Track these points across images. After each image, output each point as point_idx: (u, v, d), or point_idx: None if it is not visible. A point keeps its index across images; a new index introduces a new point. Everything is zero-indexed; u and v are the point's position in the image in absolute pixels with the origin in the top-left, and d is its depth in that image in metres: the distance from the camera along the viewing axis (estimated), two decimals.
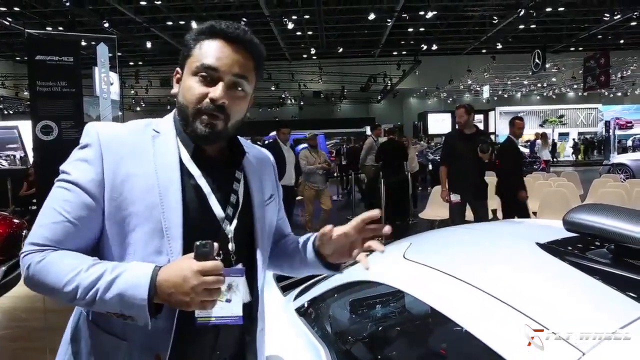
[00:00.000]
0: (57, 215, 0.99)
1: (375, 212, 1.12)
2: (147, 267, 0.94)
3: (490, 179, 5.64)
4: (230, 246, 1.09)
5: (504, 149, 5.87)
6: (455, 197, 5.13)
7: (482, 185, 5.27)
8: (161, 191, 1.02)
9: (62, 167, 1.04)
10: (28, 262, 0.96)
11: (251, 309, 1.15)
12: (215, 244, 0.93)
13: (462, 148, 5.12)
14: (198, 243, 0.91)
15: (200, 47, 1.06)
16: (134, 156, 1.03)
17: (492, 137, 25.55)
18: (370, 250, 1.13)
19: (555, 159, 23.33)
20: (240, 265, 1.08)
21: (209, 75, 1.04)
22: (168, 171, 1.04)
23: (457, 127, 5.45)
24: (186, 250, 0.99)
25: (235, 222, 1.11)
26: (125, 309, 0.92)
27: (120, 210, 1.00)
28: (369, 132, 6.96)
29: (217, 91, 1.03)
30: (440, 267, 1.36)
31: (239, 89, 1.07)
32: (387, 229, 1.13)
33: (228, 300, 1.00)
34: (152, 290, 0.91)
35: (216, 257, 0.93)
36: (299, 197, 7.58)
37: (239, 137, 1.20)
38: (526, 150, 17.14)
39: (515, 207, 5.41)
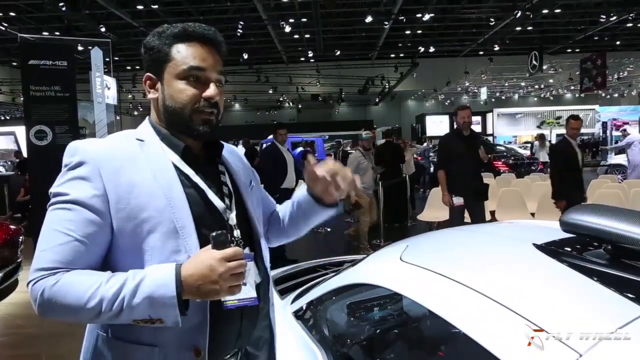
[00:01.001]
0: (62, 237, 0.98)
1: (311, 162, 1.23)
2: (169, 267, 0.96)
3: (489, 180, 5.63)
4: (236, 233, 1.15)
5: (557, 149, 5.71)
6: (458, 200, 5.04)
7: (484, 186, 5.24)
8: (166, 193, 1.05)
9: (54, 190, 1.04)
10: (41, 287, 0.95)
11: (261, 289, 1.20)
12: (228, 234, 0.99)
13: (461, 149, 5.07)
14: (214, 234, 0.97)
15: (179, 50, 1.10)
16: (129, 165, 1.05)
17: (490, 138, 25.61)
18: None
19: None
20: (248, 250, 1.15)
21: (197, 76, 1.10)
22: (165, 173, 1.08)
23: (455, 128, 5.35)
24: (201, 244, 1.03)
25: (234, 210, 1.17)
26: (154, 311, 0.94)
27: (131, 220, 1.02)
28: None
29: (212, 90, 1.10)
30: (437, 270, 1.36)
31: (221, 84, 1.15)
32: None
33: (244, 284, 1.05)
34: (179, 286, 0.94)
35: (231, 244, 0.98)
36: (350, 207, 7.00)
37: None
38: (526, 152, 17.16)
39: None
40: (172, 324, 0.96)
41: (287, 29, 16.16)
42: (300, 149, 9.23)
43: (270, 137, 7.91)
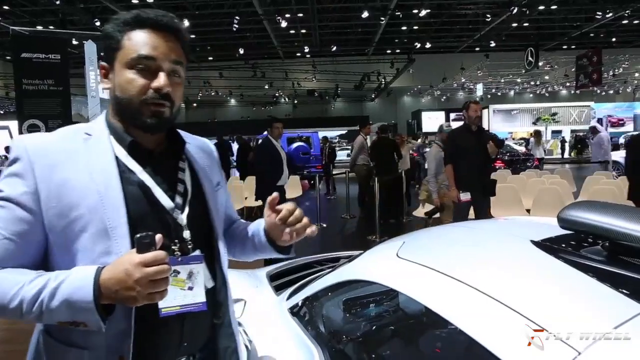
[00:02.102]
0: None
1: (272, 197, 1.16)
2: (90, 269, 0.92)
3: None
4: (186, 234, 1.10)
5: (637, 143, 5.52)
6: (466, 196, 4.96)
7: (492, 182, 5.19)
8: (100, 191, 1.00)
9: None
10: None
11: (215, 293, 1.17)
12: (159, 235, 0.92)
13: (470, 144, 5.01)
14: (138, 235, 0.90)
15: (130, 38, 1.04)
16: (66, 162, 1.01)
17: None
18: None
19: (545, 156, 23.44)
20: (198, 252, 1.09)
21: (147, 66, 1.04)
22: (104, 171, 1.03)
23: (464, 122, 5.24)
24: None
25: (187, 209, 1.12)
26: (74, 315, 0.90)
27: (62, 218, 0.98)
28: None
29: (160, 80, 1.04)
30: (433, 266, 1.35)
31: (177, 75, 1.08)
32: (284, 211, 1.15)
33: (190, 288, 1.01)
34: (97, 290, 0.89)
35: (161, 247, 0.92)
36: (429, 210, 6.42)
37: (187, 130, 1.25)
38: (522, 149, 17.20)
39: None
40: (96, 329, 0.92)
41: (283, 24, 16.10)
42: (297, 143, 9.21)
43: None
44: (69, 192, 0.99)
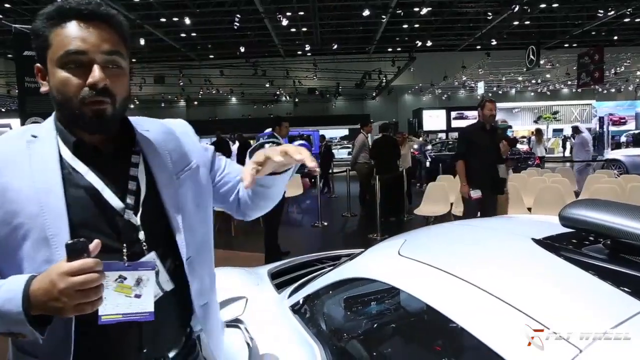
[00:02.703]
0: None
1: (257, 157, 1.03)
2: (22, 279, 0.87)
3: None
4: (141, 235, 1.03)
5: None
6: (476, 193, 4.93)
7: (502, 180, 5.17)
8: (41, 197, 0.95)
9: None
10: None
11: (182, 295, 1.10)
12: (95, 241, 0.86)
13: (484, 142, 5.02)
14: (68, 242, 0.84)
15: (57, 33, 0.95)
16: (6, 167, 0.96)
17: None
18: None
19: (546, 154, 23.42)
20: (152, 255, 1.03)
21: (78, 61, 0.95)
22: (45, 175, 0.97)
23: (478, 120, 5.24)
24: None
25: (141, 209, 1.04)
26: (9, 326, 0.86)
27: (4, 225, 0.94)
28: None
29: (95, 75, 0.95)
30: (435, 264, 1.35)
31: (115, 65, 0.99)
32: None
33: (137, 296, 0.95)
34: (26, 302, 0.84)
35: (89, 255, 0.85)
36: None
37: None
38: (523, 147, 17.17)
39: None
40: (34, 339, 0.87)
41: (284, 22, 16.09)
42: (298, 142, 9.22)
43: (268, 130, 7.84)
44: (10, 200, 0.94)
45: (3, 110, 28.42)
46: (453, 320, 1.14)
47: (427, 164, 13.70)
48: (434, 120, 29.48)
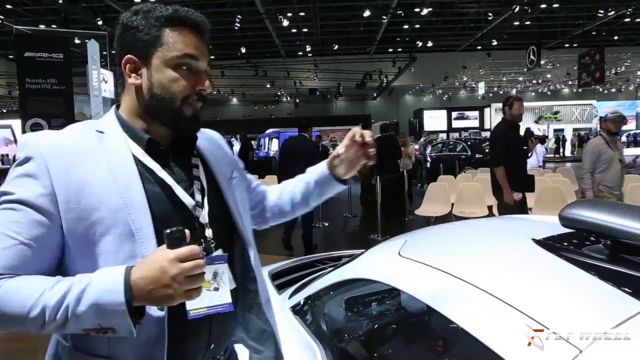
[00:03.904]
0: (6, 240, 0.88)
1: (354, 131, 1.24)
2: (118, 270, 0.86)
3: (485, 174, 5.56)
4: (209, 232, 1.06)
5: None
6: (518, 195, 4.75)
7: (532, 178, 5.03)
8: (122, 192, 0.95)
9: (3, 189, 0.94)
10: None
11: (236, 291, 1.13)
12: (187, 230, 0.88)
13: (516, 142, 4.90)
14: (168, 231, 0.85)
15: (172, 35, 1.00)
16: (83, 161, 0.95)
17: (488, 133, 25.61)
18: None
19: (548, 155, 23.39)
20: (220, 251, 1.06)
21: (191, 65, 1.02)
22: (124, 170, 0.98)
23: (509, 119, 4.92)
24: None
25: (206, 207, 1.07)
26: (103, 320, 0.84)
27: (82, 221, 0.92)
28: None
29: (206, 83, 1.04)
30: (435, 265, 1.35)
31: (207, 75, 1.07)
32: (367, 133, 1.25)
33: (216, 289, 0.97)
34: (129, 292, 0.84)
35: (189, 243, 0.88)
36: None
37: None
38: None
39: None
40: (126, 334, 0.86)
41: (285, 22, 16.09)
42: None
43: (271, 130, 7.87)
44: (89, 194, 0.93)
45: (4, 111, 28.46)
46: (454, 321, 1.14)
47: (428, 164, 13.71)
48: (434, 120, 29.50)
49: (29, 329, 0.85)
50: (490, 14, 17.67)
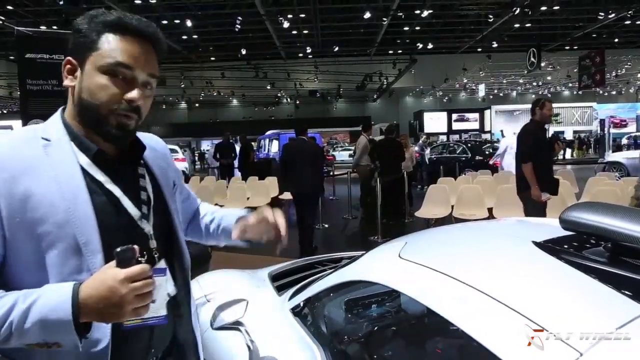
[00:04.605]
0: None
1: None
2: (65, 287, 0.86)
3: (487, 177, 5.57)
4: (152, 244, 1.06)
5: None
6: (545, 196, 4.75)
7: (557, 181, 5.05)
8: (69, 205, 0.93)
9: None
10: None
11: (177, 299, 1.16)
12: (136, 247, 0.88)
13: (544, 143, 4.94)
14: (118, 250, 0.86)
15: (108, 41, 0.98)
16: (27, 172, 0.93)
17: (489, 135, 25.63)
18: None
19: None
20: (162, 263, 1.07)
21: (122, 74, 0.98)
22: (71, 181, 0.96)
23: (539, 120, 4.98)
24: (108, 262, 0.91)
25: (151, 218, 1.08)
26: (49, 336, 0.85)
27: (26, 235, 0.91)
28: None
29: (134, 92, 0.99)
30: (436, 267, 1.35)
31: (149, 87, 1.04)
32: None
33: (153, 301, 0.96)
34: (76, 309, 0.84)
35: (140, 260, 0.88)
36: None
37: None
38: None
39: None
40: (71, 348, 0.87)
41: (286, 24, 16.12)
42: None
43: (271, 132, 7.88)
44: (34, 207, 0.91)
45: (5, 111, 28.49)
46: (454, 324, 1.14)
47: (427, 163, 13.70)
48: (434, 122, 29.52)
49: None
50: (490, 16, 17.71)
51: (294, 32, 19.84)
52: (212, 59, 24.61)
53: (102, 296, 0.84)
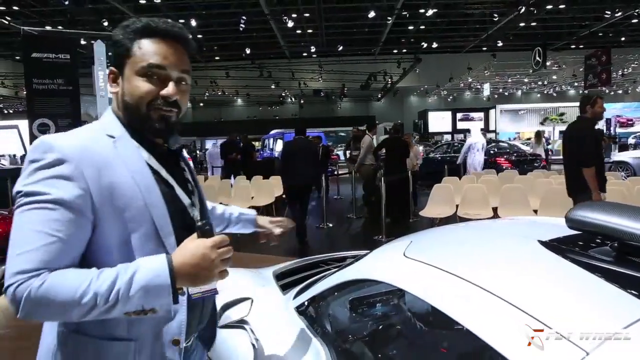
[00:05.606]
0: (47, 238, 0.95)
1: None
2: (160, 258, 1.00)
3: (492, 176, 5.53)
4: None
5: None
6: (604, 195, 4.64)
7: (606, 179, 4.88)
8: (144, 194, 1.07)
9: (26, 189, 0.99)
10: (26, 289, 0.91)
11: None
12: (212, 222, 1.07)
13: (600, 141, 4.82)
14: (200, 224, 1.04)
15: (140, 46, 1.10)
16: (107, 165, 1.05)
17: (493, 134, 25.53)
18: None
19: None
20: None
21: (156, 74, 1.10)
22: (142, 173, 1.09)
23: (591, 118, 4.75)
24: (179, 242, 1.07)
25: (197, 205, 1.23)
26: (148, 301, 0.96)
27: (116, 220, 1.04)
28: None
29: (169, 89, 1.11)
30: (441, 266, 1.35)
31: (184, 82, 1.15)
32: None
33: None
34: (174, 275, 0.98)
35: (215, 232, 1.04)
36: None
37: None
38: (528, 149, 17.10)
39: None
40: (165, 313, 1.00)
41: (290, 24, 16.12)
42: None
43: (275, 131, 8.01)
44: (118, 196, 1.04)
45: (11, 111, 28.63)
46: (459, 323, 1.14)
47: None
48: (439, 121, 29.42)
49: (73, 315, 0.94)
50: (495, 15, 17.63)
51: (299, 31, 19.82)
52: (217, 58, 24.63)
53: (195, 263, 1.00)
